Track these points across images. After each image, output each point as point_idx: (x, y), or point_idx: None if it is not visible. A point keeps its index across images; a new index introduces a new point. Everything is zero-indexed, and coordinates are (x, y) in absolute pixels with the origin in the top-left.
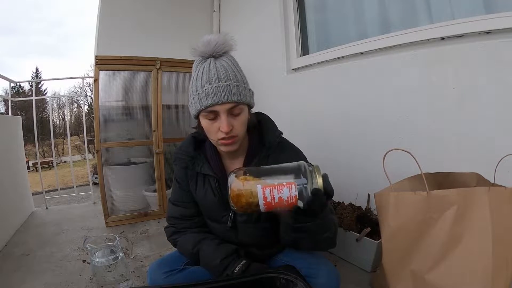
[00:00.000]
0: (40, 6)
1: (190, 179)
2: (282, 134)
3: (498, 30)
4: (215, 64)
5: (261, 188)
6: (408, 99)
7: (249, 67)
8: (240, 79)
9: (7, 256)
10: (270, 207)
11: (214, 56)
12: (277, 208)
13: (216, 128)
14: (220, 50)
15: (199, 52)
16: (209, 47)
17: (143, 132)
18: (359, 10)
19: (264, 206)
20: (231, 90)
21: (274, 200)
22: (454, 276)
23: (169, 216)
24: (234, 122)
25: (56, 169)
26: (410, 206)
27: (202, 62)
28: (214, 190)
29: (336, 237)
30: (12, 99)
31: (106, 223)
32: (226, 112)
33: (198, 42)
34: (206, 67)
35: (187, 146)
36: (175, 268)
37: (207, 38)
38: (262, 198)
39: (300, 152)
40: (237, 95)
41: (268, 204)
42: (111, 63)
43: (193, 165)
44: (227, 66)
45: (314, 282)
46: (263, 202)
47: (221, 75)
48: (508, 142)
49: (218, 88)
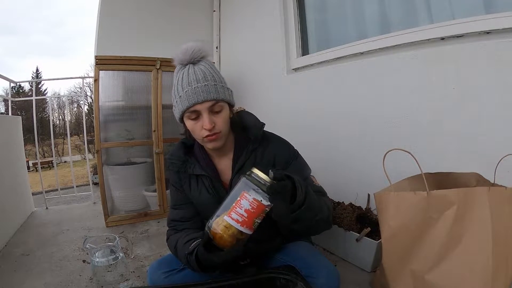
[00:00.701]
0: (40, 6)
1: (184, 182)
2: (264, 125)
3: (498, 30)
4: (193, 69)
5: (228, 217)
6: (408, 99)
7: (249, 67)
8: (217, 79)
9: (7, 256)
10: (249, 223)
11: (192, 62)
12: (257, 218)
13: (199, 126)
14: (198, 56)
15: (179, 60)
16: (187, 54)
17: (143, 132)
18: (359, 10)
19: (244, 226)
20: (209, 89)
21: (244, 215)
22: (454, 276)
23: (169, 220)
24: (215, 119)
25: (56, 169)
26: (410, 206)
27: (182, 69)
28: (208, 188)
29: (331, 218)
30: (12, 99)
31: (106, 223)
32: (207, 110)
33: (177, 50)
34: (185, 72)
35: (178, 151)
36: (175, 268)
37: (185, 47)
38: (235, 222)
39: (286, 142)
40: (216, 93)
41: (244, 222)
42: (111, 63)
43: (185, 168)
44: (204, 69)
45: (314, 282)
46: (239, 225)
47: (199, 77)
48: (508, 142)
49: (197, 88)
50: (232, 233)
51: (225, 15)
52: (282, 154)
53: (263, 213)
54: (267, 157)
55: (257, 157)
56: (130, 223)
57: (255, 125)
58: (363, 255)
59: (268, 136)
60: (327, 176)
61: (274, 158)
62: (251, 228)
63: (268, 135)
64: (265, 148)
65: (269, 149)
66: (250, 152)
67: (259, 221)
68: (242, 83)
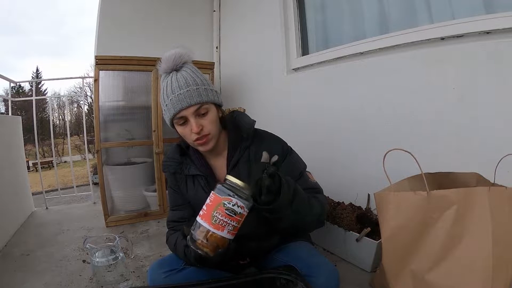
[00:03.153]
0: (41, 5)
1: (181, 183)
2: (255, 122)
3: (498, 30)
4: (176, 76)
5: (199, 218)
6: (408, 99)
7: (249, 67)
8: (200, 82)
9: (7, 256)
10: (207, 216)
11: (175, 69)
12: (214, 211)
13: (188, 131)
14: (179, 62)
15: (162, 69)
16: (169, 62)
17: (143, 132)
18: (359, 10)
19: (203, 219)
20: (192, 94)
21: (204, 209)
22: (454, 276)
23: (168, 221)
24: (203, 122)
25: (56, 169)
26: (410, 206)
27: (166, 77)
28: (204, 188)
29: (323, 216)
30: (12, 99)
31: (106, 223)
32: (193, 115)
33: (160, 60)
34: (169, 80)
35: (173, 153)
36: (175, 268)
37: (166, 55)
38: (199, 217)
39: (278, 138)
40: (198, 97)
41: (204, 216)
42: (111, 63)
43: (181, 169)
44: (186, 75)
45: (314, 281)
46: (199, 217)
47: (181, 84)
48: (508, 142)
49: (180, 95)
50: (212, 235)
51: (225, 15)
52: (275, 151)
53: (222, 206)
54: (260, 154)
55: (251, 154)
56: (130, 223)
57: (247, 122)
58: (363, 255)
59: (261, 133)
60: (327, 176)
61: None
62: (209, 222)
63: (260, 133)
64: (259, 145)
65: (262, 146)
66: (243, 149)
67: (222, 217)
68: (242, 83)
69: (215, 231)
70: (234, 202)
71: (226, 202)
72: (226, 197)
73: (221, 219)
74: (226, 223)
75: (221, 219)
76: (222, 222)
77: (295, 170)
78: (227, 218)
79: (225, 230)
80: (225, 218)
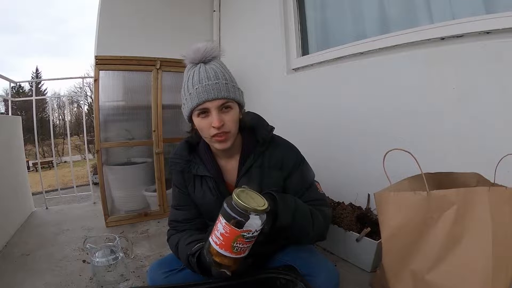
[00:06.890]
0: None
1: (188, 182)
2: (274, 128)
3: (498, 30)
4: (204, 67)
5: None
6: (408, 99)
7: (249, 67)
8: (228, 79)
9: (7, 256)
10: (227, 246)
11: (204, 61)
12: (234, 242)
13: (208, 124)
14: (209, 55)
15: (190, 59)
16: (199, 53)
17: (143, 132)
18: (359, 10)
19: (223, 249)
20: (220, 87)
21: (220, 239)
22: (454, 276)
23: (170, 220)
24: (225, 118)
25: (56, 169)
26: (410, 206)
27: (193, 67)
28: (212, 190)
29: (326, 231)
30: (12, 99)
31: (106, 223)
32: (216, 109)
33: (188, 50)
34: (196, 70)
35: (182, 150)
36: (175, 268)
37: (197, 46)
38: (215, 244)
39: (293, 146)
40: (226, 92)
41: (222, 245)
42: (111, 63)
43: (189, 168)
44: (216, 68)
45: (314, 281)
46: (218, 247)
47: (211, 75)
48: (508, 142)
49: (208, 86)
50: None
51: (225, 15)
52: (289, 159)
53: (242, 237)
54: (274, 160)
55: (264, 160)
56: (130, 223)
57: (265, 128)
58: (363, 255)
59: (276, 139)
60: (327, 176)
61: (281, 162)
62: (230, 251)
63: (276, 139)
64: (273, 152)
65: (277, 152)
66: (257, 154)
67: (242, 245)
68: (242, 83)
69: (237, 257)
70: (253, 230)
71: (246, 233)
72: (245, 230)
73: (242, 247)
74: (247, 248)
75: (242, 247)
76: (244, 248)
77: (306, 181)
78: (248, 244)
79: (246, 251)
80: (247, 245)
